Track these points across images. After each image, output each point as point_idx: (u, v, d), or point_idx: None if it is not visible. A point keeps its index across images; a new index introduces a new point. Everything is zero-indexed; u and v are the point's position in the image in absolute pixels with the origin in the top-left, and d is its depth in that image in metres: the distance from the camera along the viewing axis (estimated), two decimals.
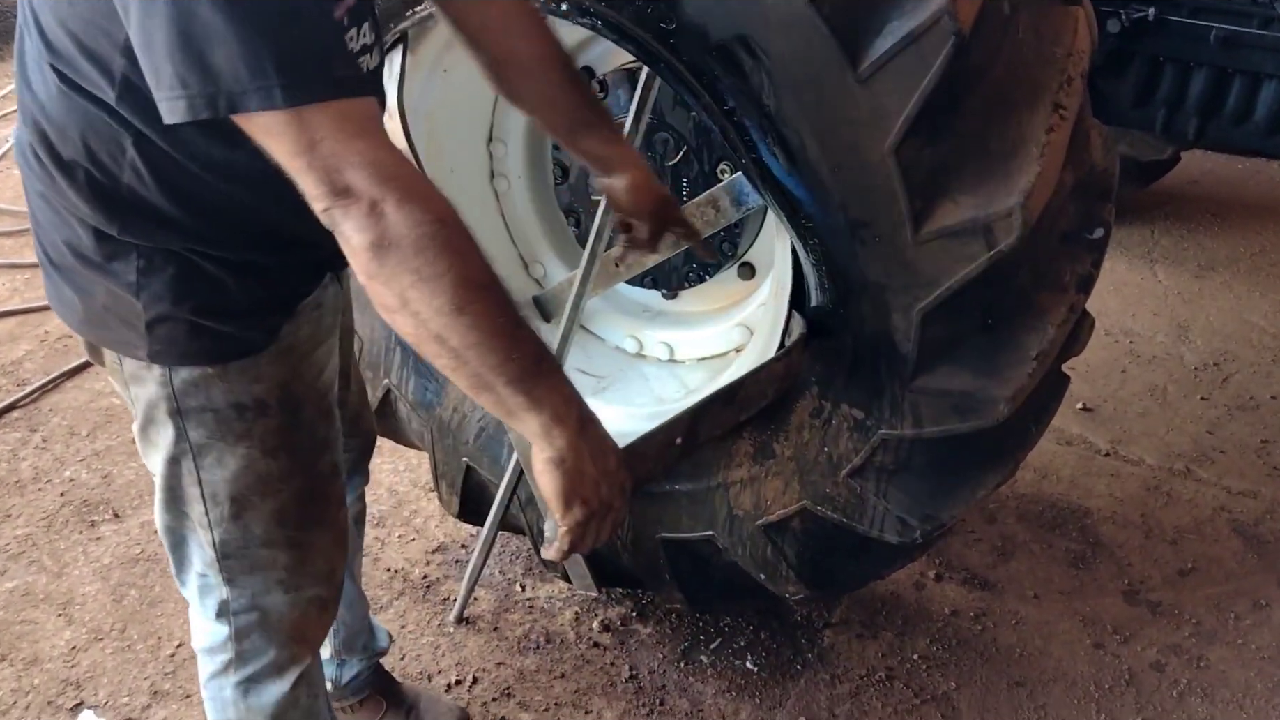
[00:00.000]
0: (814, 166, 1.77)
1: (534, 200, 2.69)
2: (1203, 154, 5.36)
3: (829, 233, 1.83)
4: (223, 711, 1.79)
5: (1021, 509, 3.10)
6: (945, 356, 1.87)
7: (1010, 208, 1.68)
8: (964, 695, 2.49)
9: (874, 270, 1.81)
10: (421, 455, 3.15)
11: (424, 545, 2.96)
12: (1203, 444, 3.41)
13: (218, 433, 1.52)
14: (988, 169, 1.73)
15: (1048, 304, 1.85)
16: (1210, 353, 3.95)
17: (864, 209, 1.77)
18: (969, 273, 1.74)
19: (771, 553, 2.24)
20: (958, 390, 1.86)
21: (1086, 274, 1.89)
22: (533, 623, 2.69)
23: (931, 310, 1.79)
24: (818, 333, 1.98)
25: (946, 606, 2.75)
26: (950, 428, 1.88)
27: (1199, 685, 2.51)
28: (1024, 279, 1.83)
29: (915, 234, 1.74)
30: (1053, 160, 1.74)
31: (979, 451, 1.98)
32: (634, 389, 2.59)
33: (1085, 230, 1.90)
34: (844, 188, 1.77)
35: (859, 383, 1.96)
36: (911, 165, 1.70)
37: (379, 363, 2.62)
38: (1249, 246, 4.82)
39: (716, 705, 2.46)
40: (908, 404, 1.91)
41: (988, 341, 1.86)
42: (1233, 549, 2.95)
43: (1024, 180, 1.70)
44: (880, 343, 1.88)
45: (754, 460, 2.18)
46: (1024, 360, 1.84)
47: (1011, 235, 1.69)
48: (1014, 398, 1.82)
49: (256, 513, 1.59)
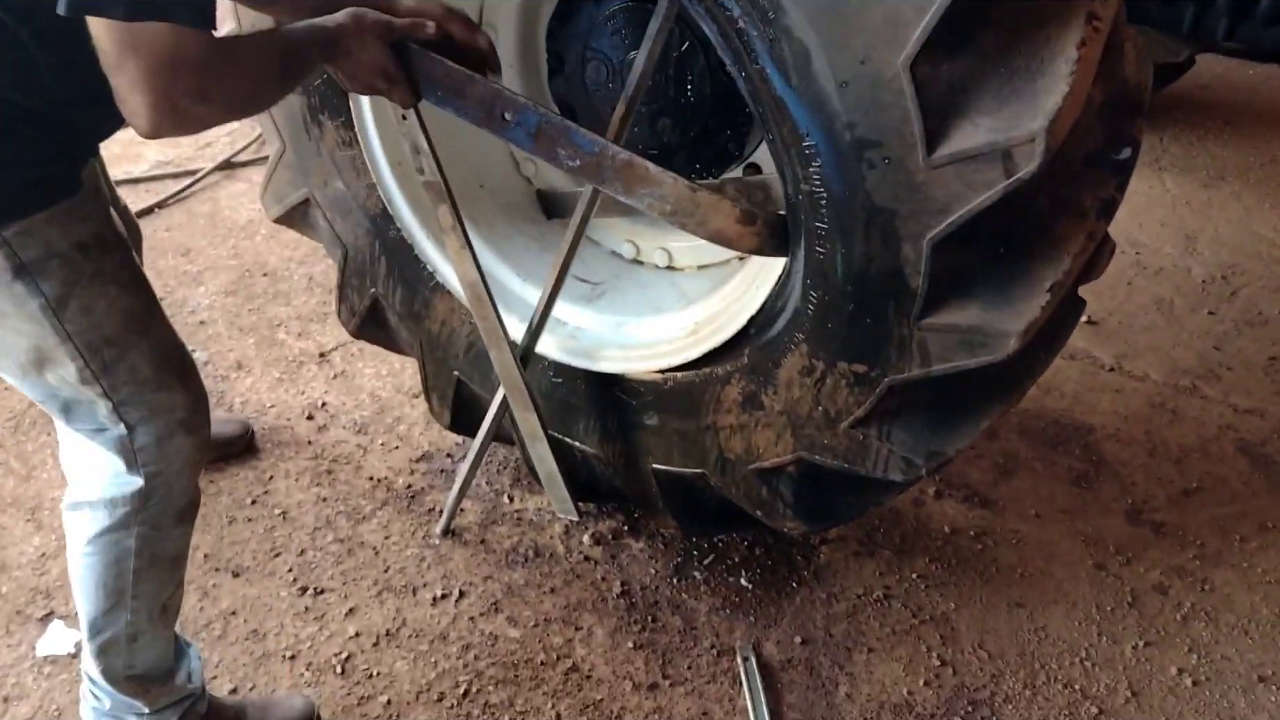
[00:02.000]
0: (820, 81, 1.61)
1: (525, 91, 2.52)
2: (1214, 58, 5.17)
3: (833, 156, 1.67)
4: (119, 564, 1.77)
5: (1024, 425, 3.02)
6: (955, 289, 1.73)
7: (1033, 132, 1.52)
8: (963, 616, 2.43)
9: (881, 196, 1.66)
10: (405, 360, 3.04)
11: (408, 453, 2.86)
12: (1209, 360, 3.32)
13: (70, 278, 1.53)
14: (1011, 88, 1.56)
15: (1066, 232, 1.70)
16: (1218, 265, 3.85)
17: (873, 129, 1.61)
18: (983, 201, 1.59)
19: (766, 493, 2.15)
20: (966, 325, 1.72)
21: (1110, 198, 1.73)
22: (521, 535, 2.61)
23: (942, 240, 1.65)
24: (817, 285, 1.84)
25: (946, 525, 2.68)
26: (959, 364, 1.76)
27: (1203, 608, 2.45)
28: (1042, 205, 1.68)
29: (928, 157, 1.58)
30: (1082, 78, 1.56)
31: (986, 383, 1.86)
32: (630, 296, 2.46)
33: (1112, 150, 1.74)
34: (852, 106, 1.61)
35: (860, 334, 1.82)
36: (927, 82, 1.54)
37: (365, 271, 2.48)
38: (1260, 155, 4.69)
39: (710, 622, 2.40)
40: (915, 344, 1.78)
41: (1000, 272, 1.72)
42: (1239, 469, 2.88)
43: (1050, 102, 1.53)
44: (888, 280, 1.74)
45: (742, 409, 2.08)
46: (1037, 292, 1.69)
47: (1032, 162, 1.53)
48: (1025, 331, 1.68)
49: (138, 353, 1.63)
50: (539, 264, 2.46)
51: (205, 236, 3.92)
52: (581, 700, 2.21)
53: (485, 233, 2.46)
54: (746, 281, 2.18)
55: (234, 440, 2.83)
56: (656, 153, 2.37)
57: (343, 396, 3.07)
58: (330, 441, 2.90)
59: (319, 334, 3.36)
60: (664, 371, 2.19)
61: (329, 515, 2.65)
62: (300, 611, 2.39)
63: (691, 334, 2.22)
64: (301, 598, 2.42)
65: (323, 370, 3.19)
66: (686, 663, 2.30)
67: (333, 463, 2.82)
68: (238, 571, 2.48)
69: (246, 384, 3.13)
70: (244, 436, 2.86)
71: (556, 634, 2.36)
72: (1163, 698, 2.24)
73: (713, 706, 2.20)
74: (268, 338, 3.34)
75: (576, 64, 2.40)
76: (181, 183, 4.26)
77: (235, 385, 3.12)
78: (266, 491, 2.72)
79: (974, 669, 2.30)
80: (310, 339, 3.34)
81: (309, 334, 3.36)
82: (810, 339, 1.90)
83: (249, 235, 3.94)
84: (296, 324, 3.41)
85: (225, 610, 2.38)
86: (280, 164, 2.45)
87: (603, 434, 2.34)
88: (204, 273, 3.69)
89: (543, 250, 2.50)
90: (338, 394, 3.08)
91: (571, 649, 2.32)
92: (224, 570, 2.48)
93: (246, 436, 2.86)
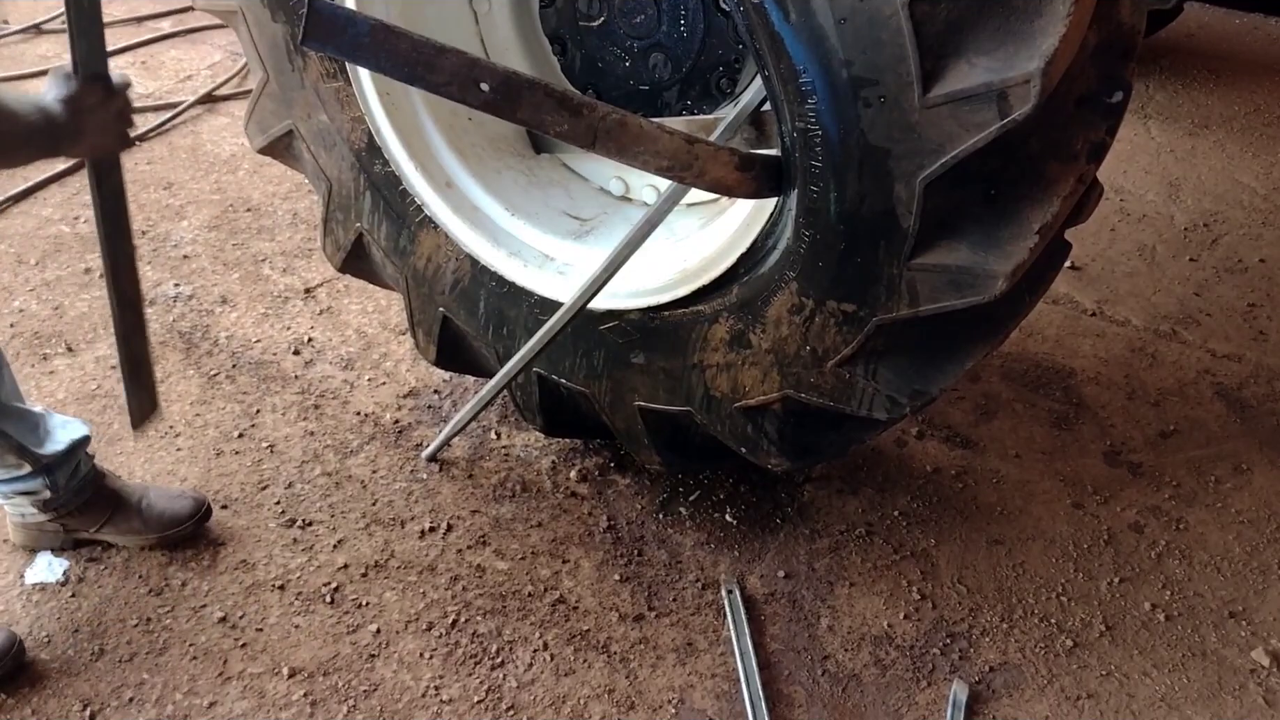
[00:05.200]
0: (817, 17, 1.60)
1: (516, 23, 2.49)
2: (1200, 6, 5.17)
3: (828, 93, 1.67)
4: None
5: (1006, 368, 3.05)
6: (945, 230, 1.75)
7: (1029, 74, 1.52)
8: (943, 552, 2.47)
9: (876, 135, 1.67)
10: (391, 295, 3.03)
11: (395, 389, 2.87)
12: (1189, 306, 3.36)
13: None
14: (1009, 28, 1.56)
15: (1056, 174, 1.71)
16: (1200, 213, 3.87)
17: (869, 67, 1.61)
18: (977, 142, 1.59)
19: (751, 430, 2.17)
20: (955, 265, 1.74)
21: (1100, 141, 1.74)
22: (508, 470, 2.63)
23: (935, 180, 1.66)
24: (810, 223, 1.84)
25: (928, 464, 2.71)
26: (946, 304, 1.78)
27: (1177, 547, 2.51)
28: (1034, 147, 1.69)
29: (923, 96, 1.59)
30: (1080, 19, 1.57)
31: (971, 324, 1.89)
32: (619, 233, 2.44)
33: (1104, 93, 1.75)
34: (849, 43, 1.61)
35: (850, 273, 1.83)
36: (926, 20, 1.54)
37: (349, 205, 2.47)
38: (1244, 104, 4.70)
39: (695, 557, 2.43)
40: (904, 283, 1.79)
41: (989, 213, 1.73)
42: (1215, 412, 2.93)
43: (1046, 43, 1.53)
44: (880, 219, 1.75)
45: (729, 347, 2.09)
46: (1026, 234, 1.71)
47: (1027, 104, 1.54)
48: (1013, 273, 1.70)
49: None
50: (526, 198, 2.45)
51: (187, 170, 3.88)
52: (568, 630, 2.25)
53: (474, 166, 2.44)
54: (737, 220, 2.18)
55: (182, 520, 2.36)
56: (648, 89, 2.35)
57: (329, 332, 3.07)
58: (317, 377, 2.90)
59: (304, 270, 3.34)
60: (652, 309, 2.20)
61: (316, 449, 2.66)
62: (289, 543, 2.41)
63: (680, 272, 2.22)
64: (290, 529, 2.44)
65: (308, 306, 3.18)
66: (672, 595, 2.34)
67: (319, 398, 2.83)
68: (226, 503, 2.49)
69: (231, 319, 3.11)
70: (195, 515, 2.37)
71: (544, 566, 2.39)
72: (1136, 632, 2.30)
73: (697, 637, 2.25)
74: (252, 273, 3.32)
75: None
76: (162, 116, 4.20)
77: (220, 320, 3.11)
78: (253, 425, 2.73)
79: (953, 603, 2.35)
80: (295, 274, 3.32)
81: (294, 270, 3.35)
82: (801, 277, 1.91)
83: (232, 170, 3.90)
84: (281, 259, 3.40)
85: (214, 540, 2.40)
86: (263, 94, 2.42)
87: (589, 371, 2.36)
88: (186, 207, 3.65)
89: (530, 185, 2.49)
90: (324, 330, 3.08)
91: (558, 581, 2.36)
92: (212, 502, 2.49)
93: (199, 515, 2.38)
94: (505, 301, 2.38)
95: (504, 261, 2.35)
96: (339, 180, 2.45)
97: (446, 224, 2.38)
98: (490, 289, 2.39)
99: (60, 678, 2.10)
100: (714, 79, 2.31)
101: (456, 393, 2.85)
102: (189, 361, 2.93)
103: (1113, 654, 2.25)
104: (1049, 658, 2.23)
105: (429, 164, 2.38)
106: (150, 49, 4.85)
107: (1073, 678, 2.20)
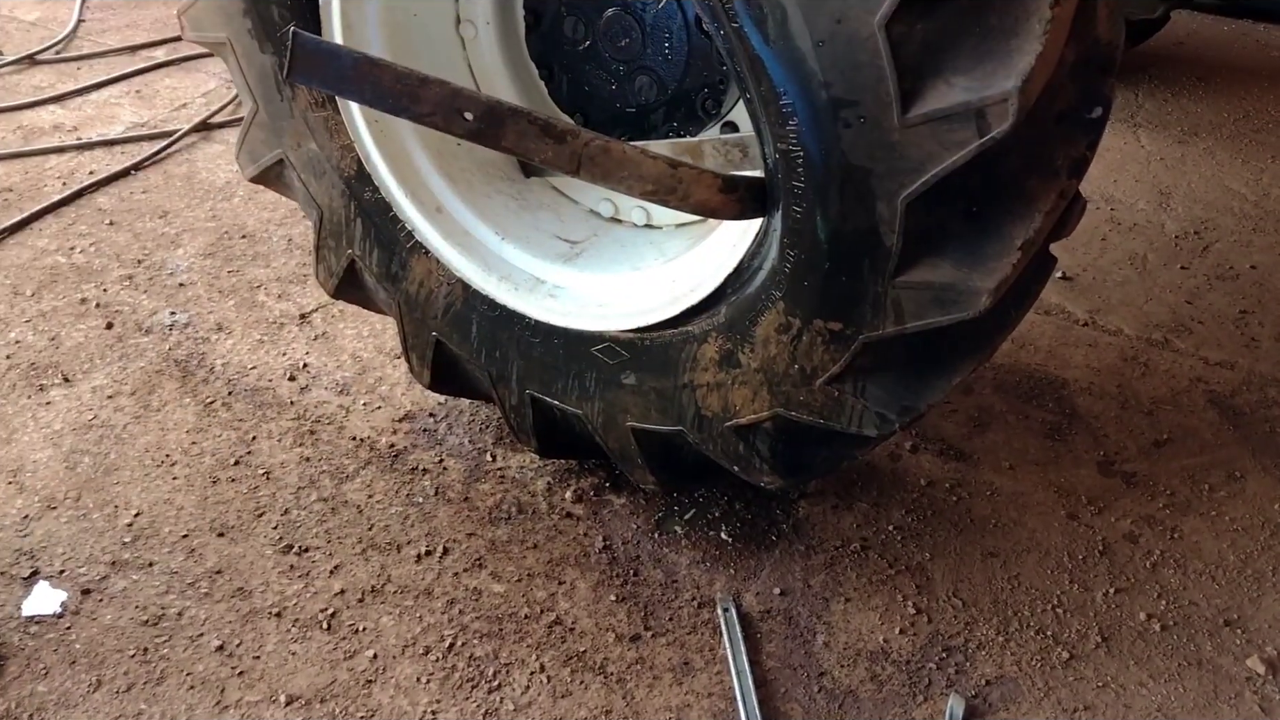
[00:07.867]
0: (796, 40, 1.62)
1: (503, 49, 2.51)
2: (1189, 14, 5.20)
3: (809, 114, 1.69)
4: None
5: (998, 379, 3.06)
6: (929, 247, 1.76)
7: (1006, 92, 1.54)
8: (938, 565, 2.48)
9: (856, 155, 1.68)
10: (386, 320, 3.05)
11: (390, 413, 2.88)
12: (1181, 314, 3.37)
13: None
14: (986, 47, 1.58)
15: (1037, 190, 1.73)
16: (1191, 221, 3.89)
17: (849, 88, 1.63)
18: (956, 160, 1.61)
19: (743, 448, 2.18)
20: (939, 282, 1.76)
21: (1080, 157, 1.76)
22: (504, 493, 2.64)
23: (916, 198, 1.68)
24: (794, 243, 1.85)
25: (922, 478, 2.72)
26: (932, 321, 1.79)
27: (1172, 556, 2.51)
28: (1014, 164, 1.70)
29: (902, 116, 1.60)
30: (1056, 37, 1.59)
31: (958, 339, 1.90)
32: (609, 254, 2.47)
33: (1084, 109, 1.77)
34: (828, 64, 1.62)
35: (835, 292, 1.85)
36: (903, 41, 1.56)
37: (341, 232, 2.48)
38: (1233, 111, 4.72)
39: (691, 575, 2.44)
40: (889, 301, 1.81)
41: (972, 230, 1.75)
42: (1209, 420, 2.94)
43: (1023, 62, 1.55)
44: (863, 238, 1.76)
45: (719, 367, 2.10)
46: (1009, 250, 1.73)
47: (1005, 122, 1.55)
48: (997, 289, 1.72)
49: None
50: (516, 222, 2.47)
51: (183, 198, 3.90)
52: (565, 652, 2.25)
53: (463, 191, 2.46)
54: (724, 240, 2.20)
55: None
56: (634, 111, 2.37)
57: (324, 357, 3.08)
58: (312, 402, 2.91)
59: (299, 295, 3.36)
60: (642, 330, 2.21)
61: (312, 475, 2.67)
62: (285, 569, 2.41)
63: (669, 292, 2.24)
64: (286, 556, 2.45)
65: (304, 331, 3.20)
66: (668, 614, 2.34)
67: (315, 423, 2.84)
68: (222, 531, 2.50)
69: (227, 346, 3.13)
70: None
71: (540, 588, 2.39)
72: (1132, 642, 2.30)
73: (693, 656, 2.25)
74: (248, 299, 3.34)
75: (552, 21, 2.39)
76: (157, 144, 4.22)
77: (216, 347, 3.12)
78: (249, 452, 2.74)
79: (949, 617, 2.35)
80: (291, 300, 3.34)
81: (289, 295, 3.36)
82: (787, 297, 1.93)
83: (226, 197, 3.92)
84: (276, 285, 3.41)
85: (210, 569, 2.41)
86: (254, 124, 2.45)
87: (581, 393, 2.37)
88: (182, 235, 3.67)
89: (520, 208, 2.51)
90: (319, 355, 3.09)
91: (555, 602, 2.36)
92: (208, 530, 2.50)
93: None
94: (498, 325, 2.39)
95: (495, 285, 2.37)
96: (330, 208, 2.47)
97: (437, 249, 2.40)
98: (482, 313, 2.40)
99: (58, 710, 2.11)
100: (700, 100, 2.33)
101: (452, 416, 2.86)
102: (185, 389, 2.94)
103: (1109, 665, 2.25)
104: (1045, 670, 2.24)
105: (419, 190, 2.40)
106: (145, 78, 4.88)
107: (1069, 690, 2.20)
